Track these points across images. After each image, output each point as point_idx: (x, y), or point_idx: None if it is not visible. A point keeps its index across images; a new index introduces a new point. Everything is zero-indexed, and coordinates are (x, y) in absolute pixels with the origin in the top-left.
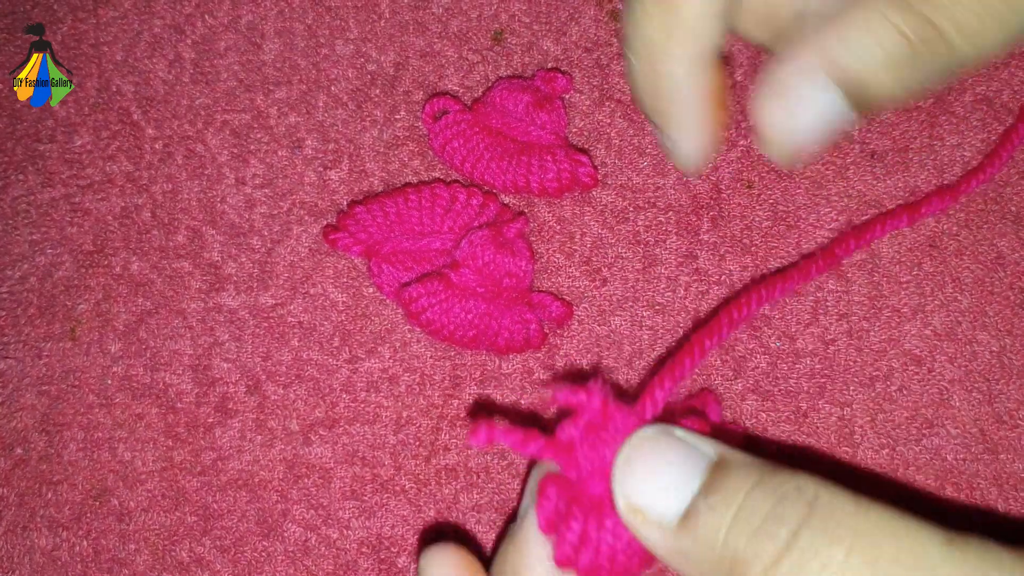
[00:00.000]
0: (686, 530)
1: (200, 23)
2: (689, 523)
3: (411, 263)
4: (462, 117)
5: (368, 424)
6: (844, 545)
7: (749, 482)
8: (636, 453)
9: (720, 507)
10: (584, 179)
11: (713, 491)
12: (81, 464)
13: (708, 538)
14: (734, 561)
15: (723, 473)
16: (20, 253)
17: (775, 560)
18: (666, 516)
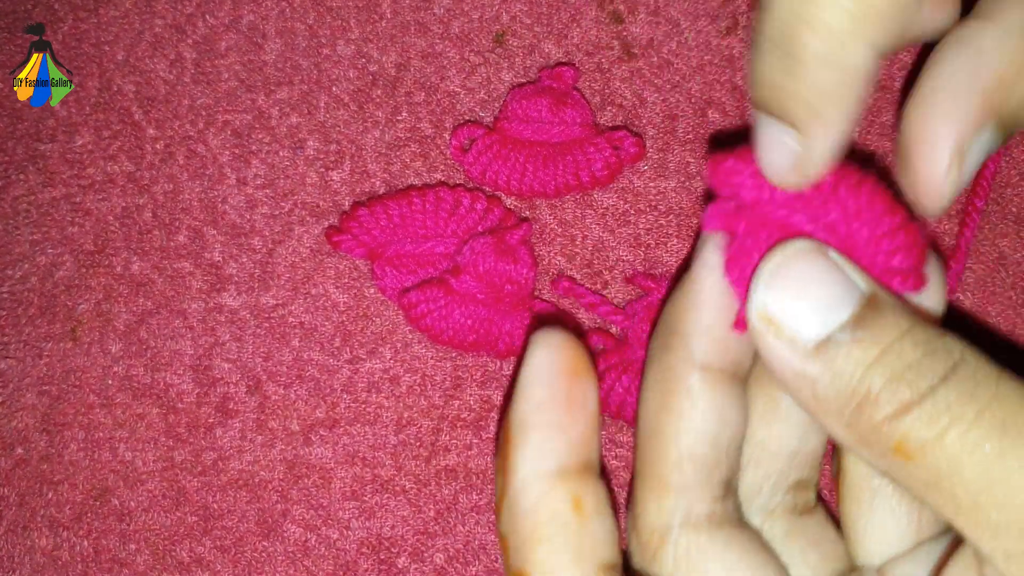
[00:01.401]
0: (822, 356)
1: (201, 23)
2: (828, 350)
3: (414, 266)
4: (492, 139)
5: (369, 425)
6: (976, 406)
7: (900, 327)
8: (786, 263)
9: (866, 342)
10: (632, 150)
11: (861, 326)
12: (82, 464)
13: (844, 370)
14: (864, 400)
15: (875, 311)
16: (21, 253)
17: (906, 408)
18: (803, 335)
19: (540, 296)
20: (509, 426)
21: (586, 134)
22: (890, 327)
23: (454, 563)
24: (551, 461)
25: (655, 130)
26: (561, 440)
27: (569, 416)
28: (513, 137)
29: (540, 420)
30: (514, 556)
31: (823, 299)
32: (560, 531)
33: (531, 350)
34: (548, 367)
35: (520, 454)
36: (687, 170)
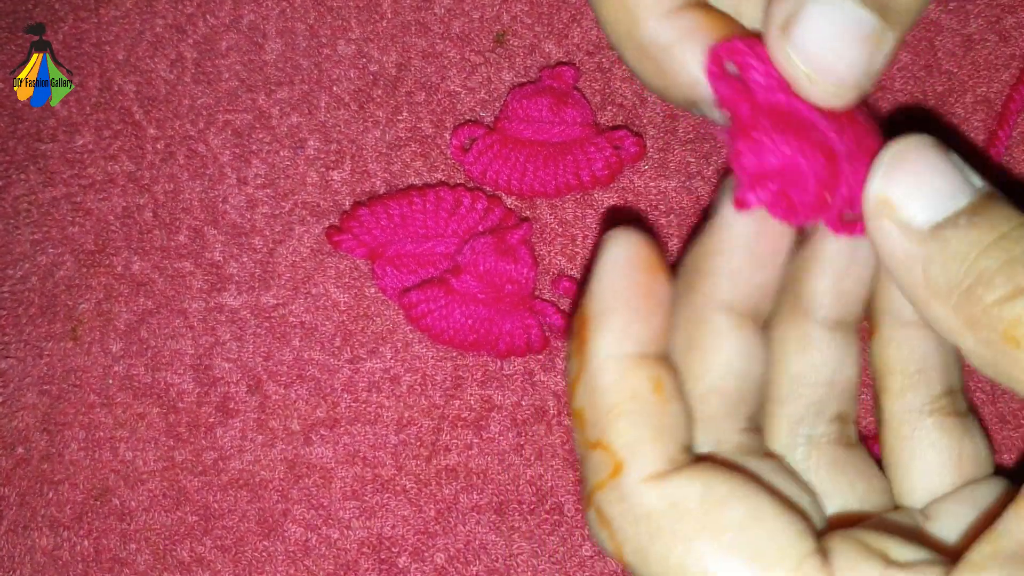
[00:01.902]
0: (937, 237)
1: (202, 23)
2: (943, 231)
3: (415, 266)
4: (492, 139)
5: (369, 424)
6: None
7: (1017, 218)
8: (908, 152)
9: (983, 226)
10: (632, 149)
11: (979, 213)
12: (82, 464)
13: (959, 250)
14: (977, 280)
15: (991, 202)
16: (21, 252)
17: (1018, 293)
18: (919, 217)
19: (540, 296)
20: (588, 309)
21: (587, 134)
22: (1007, 216)
23: (455, 563)
24: (632, 345)
25: (656, 130)
26: (642, 327)
27: (648, 306)
28: (514, 137)
29: (620, 305)
30: (592, 429)
31: (942, 187)
32: (642, 408)
33: (608, 244)
34: (626, 260)
35: (601, 335)
36: (688, 170)
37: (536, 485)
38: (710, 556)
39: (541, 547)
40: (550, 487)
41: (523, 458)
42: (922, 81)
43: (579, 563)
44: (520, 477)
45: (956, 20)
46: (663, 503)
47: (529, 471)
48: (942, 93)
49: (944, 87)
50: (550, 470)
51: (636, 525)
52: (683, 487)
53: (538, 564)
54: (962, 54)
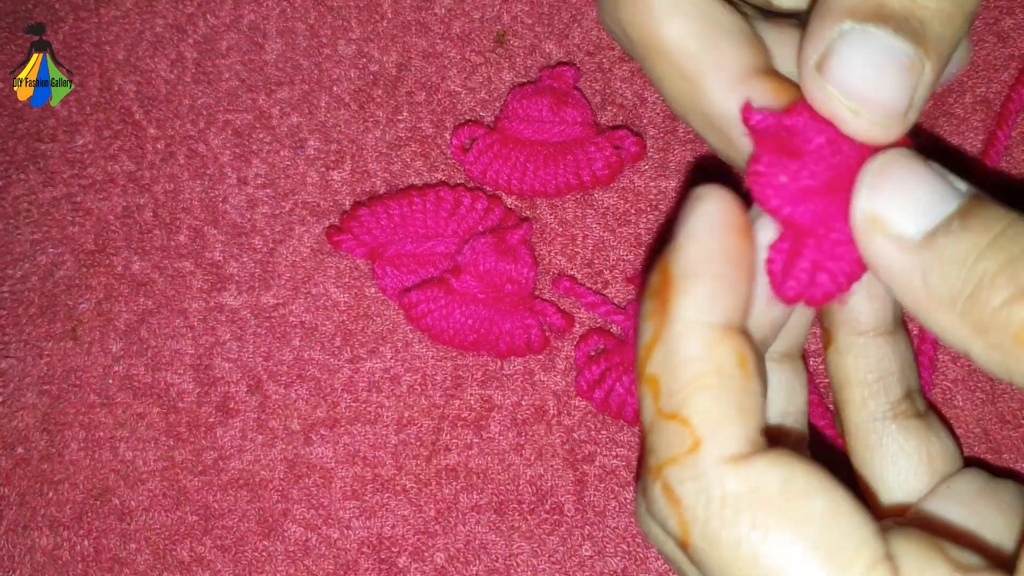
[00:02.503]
0: (931, 246)
1: (202, 23)
2: (937, 240)
3: (415, 266)
4: (492, 139)
5: (369, 424)
6: None
7: (1008, 217)
8: (890, 165)
9: (977, 229)
10: (632, 148)
11: (969, 216)
12: (82, 463)
13: (955, 256)
14: (980, 284)
15: (980, 203)
16: (21, 252)
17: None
18: (910, 229)
19: (540, 295)
20: (672, 270)
21: (587, 134)
22: (998, 216)
23: (455, 563)
24: (719, 313)
25: (656, 130)
26: (730, 295)
27: (738, 273)
28: (514, 137)
29: (709, 269)
30: (668, 399)
31: (929, 195)
32: (726, 383)
33: (698, 199)
34: (716, 218)
35: (686, 299)
36: (688, 170)
37: (536, 485)
38: (789, 549)
39: (541, 547)
40: (550, 487)
41: (523, 458)
42: None
43: (579, 563)
44: (520, 477)
45: None
46: (743, 487)
47: (529, 471)
48: (942, 93)
49: (943, 88)
50: (550, 470)
51: (709, 506)
52: (765, 472)
53: (538, 564)
54: None
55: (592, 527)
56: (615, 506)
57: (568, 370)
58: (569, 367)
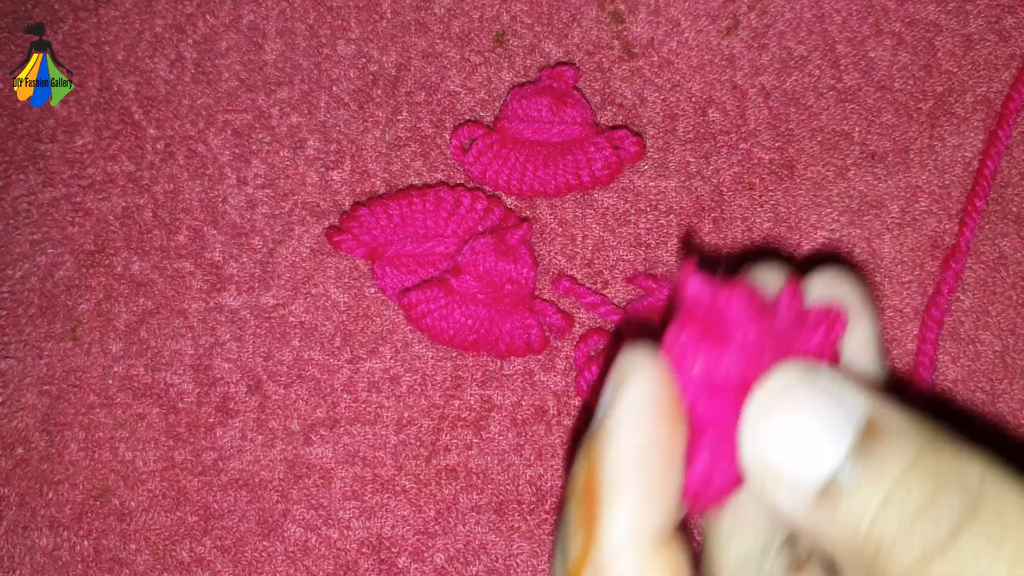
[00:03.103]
0: (826, 504)
1: (202, 23)
2: (830, 497)
3: (415, 266)
4: (492, 139)
5: (369, 424)
6: (1009, 552)
7: (905, 458)
8: (774, 403)
9: (869, 485)
10: (632, 149)
11: (864, 458)
12: (82, 464)
13: (851, 519)
14: (879, 550)
15: (875, 441)
16: (21, 253)
17: (927, 559)
18: (804, 482)
19: (540, 296)
20: (599, 473)
21: (586, 133)
22: (893, 460)
23: (454, 563)
24: (650, 524)
25: (655, 129)
26: (661, 505)
27: (668, 473)
28: (513, 137)
29: (640, 473)
30: None
31: (817, 437)
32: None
33: (630, 378)
34: (647, 406)
35: (615, 513)
36: (687, 169)
37: (536, 485)
38: None
39: (541, 547)
40: (550, 487)
41: (523, 458)
42: (922, 81)
43: None
44: (520, 477)
45: (956, 20)
46: None
47: (529, 471)
48: (942, 93)
49: (944, 87)
50: (550, 470)
51: None
52: None
53: (538, 564)
54: (962, 54)
55: None
56: None
57: (568, 370)
58: (569, 367)
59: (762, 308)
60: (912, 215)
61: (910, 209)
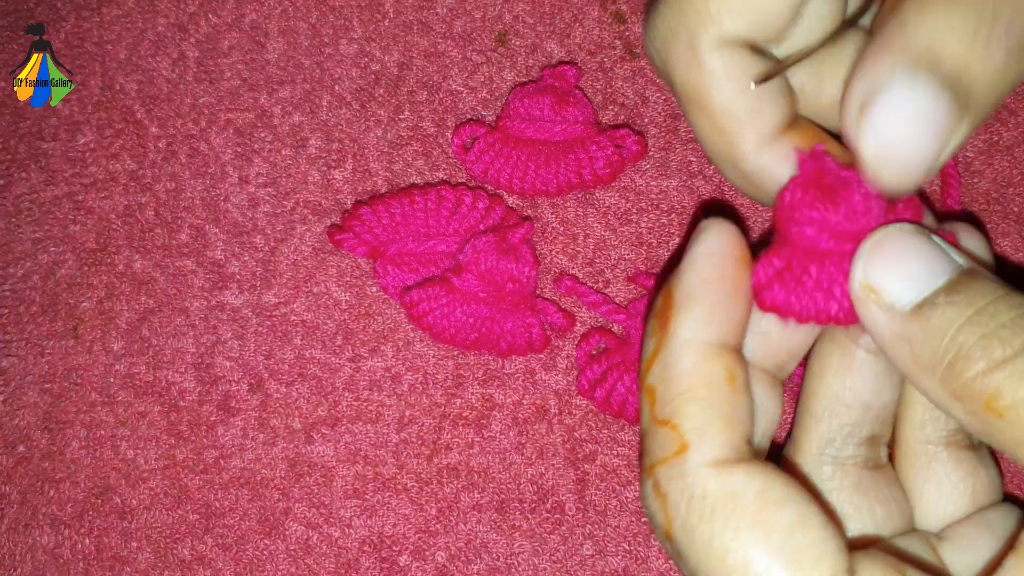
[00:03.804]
0: (918, 317)
1: (204, 22)
2: (924, 311)
3: (416, 265)
4: (493, 138)
5: (370, 423)
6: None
7: (993, 293)
8: (887, 239)
9: (960, 303)
10: (634, 147)
11: (956, 291)
12: (83, 462)
13: (939, 328)
14: (957, 355)
15: (971, 277)
16: (23, 251)
17: (998, 364)
18: (901, 300)
19: (542, 295)
20: (674, 292)
21: (588, 133)
22: (984, 292)
23: (456, 562)
24: (713, 333)
25: (657, 129)
26: (725, 317)
27: (734, 298)
28: (515, 136)
29: (707, 293)
30: (662, 407)
31: (920, 269)
32: (715, 395)
33: (704, 231)
34: (718, 248)
35: (684, 319)
36: (689, 169)
37: (537, 484)
38: (754, 550)
39: (542, 546)
40: (551, 486)
41: (524, 457)
42: None
43: (580, 562)
44: (521, 476)
45: None
46: (721, 489)
47: (530, 470)
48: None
49: None
50: (551, 469)
51: (690, 504)
52: (743, 479)
53: (539, 563)
54: None
55: (593, 526)
56: (616, 505)
57: (569, 369)
58: (570, 366)
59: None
60: None
61: None
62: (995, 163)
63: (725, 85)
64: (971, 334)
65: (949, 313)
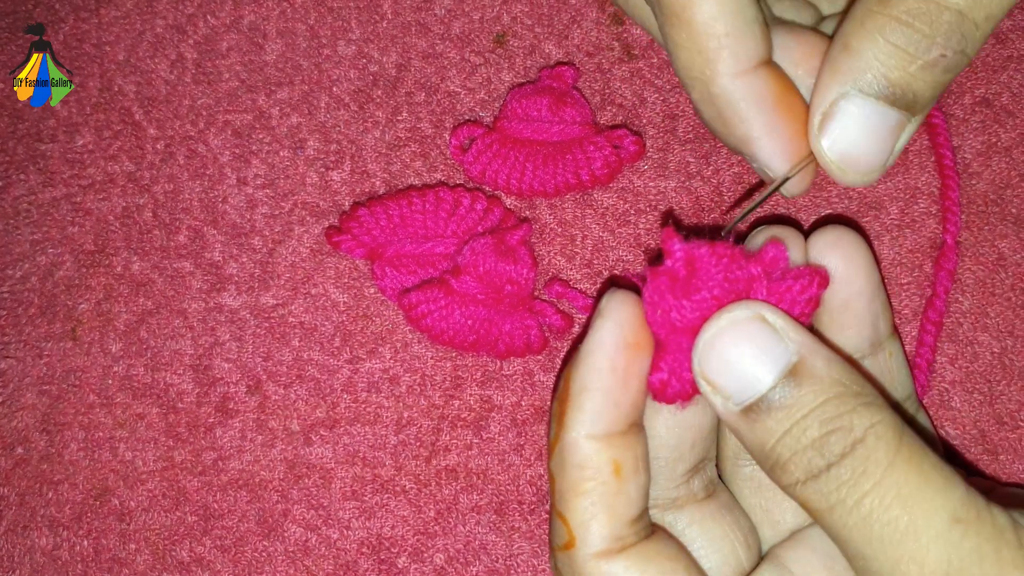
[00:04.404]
0: (746, 419)
1: (202, 23)
2: (751, 415)
3: (415, 267)
4: (491, 139)
5: (369, 424)
6: (859, 493)
7: (813, 401)
8: (723, 331)
9: (779, 416)
10: (631, 148)
11: (780, 396)
12: (82, 464)
13: (761, 436)
14: (775, 464)
15: (796, 380)
16: (21, 253)
17: (804, 480)
18: (733, 398)
19: (540, 296)
20: (570, 385)
21: (586, 133)
22: (804, 401)
23: (454, 563)
24: (601, 426)
25: (655, 130)
26: (613, 411)
27: (624, 387)
28: (513, 137)
29: (598, 387)
30: (559, 499)
31: (750, 366)
32: (599, 489)
33: (601, 318)
34: (612, 338)
35: (575, 414)
36: (687, 170)
37: (536, 485)
38: None
39: (541, 547)
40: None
41: (523, 458)
42: None
43: None
44: (520, 477)
45: None
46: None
47: (529, 471)
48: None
49: None
50: None
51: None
52: (620, 569)
53: (538, 564)
54: None
55: None
56: None
57: None
58: None
59: (739, 264)
60: (911, 216)
61: (909, 210)
62: (993, 165)
63: (713, 2)
64: (785, 448)
65: (769, 424)
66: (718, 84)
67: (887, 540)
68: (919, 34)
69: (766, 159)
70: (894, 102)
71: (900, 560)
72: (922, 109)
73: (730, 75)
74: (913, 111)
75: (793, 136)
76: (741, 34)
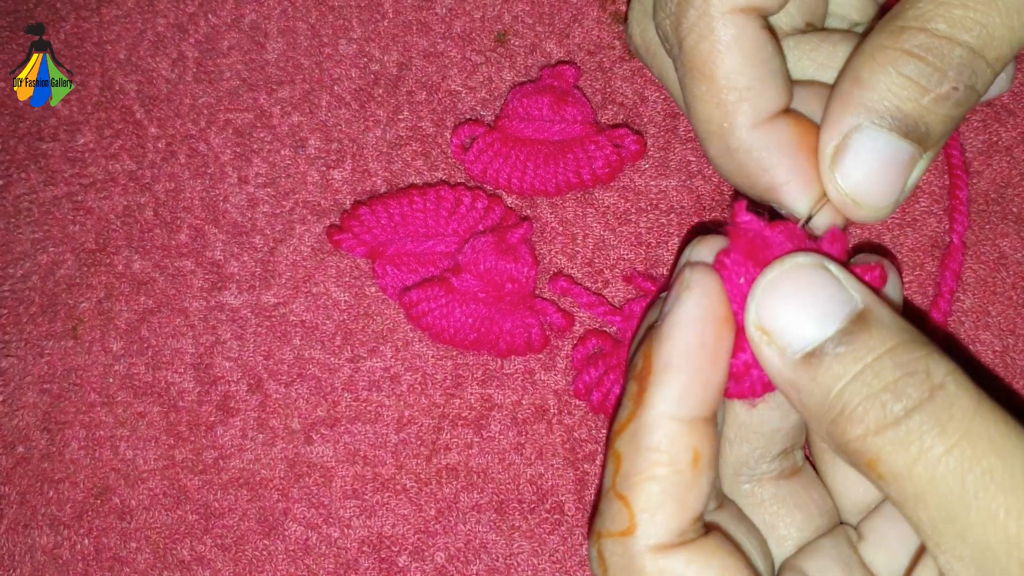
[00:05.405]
0: (806, 367)
1: (203, 22)
2: (812, 361)
3: (415, 265)
4: (492, 138)
5: (369, 423)
6: (948, 441)
7: (884, 345)
8: (783, 276)
9: (847, 359)
10: (632, 147)
11: (846, 341)
12: (82, 462)
13: (824, 383)
14: (840, 415)
15: (862, 325)
16: (22, 251)
17: (877, 430)
18: (791, 346)
19: (541, 295)
20: (654, 359)
21: (587, 132)
22: (874, 344)
23: (455, 562)
24: (687, 409)
25: (656, 128)
26: (700, 392)
27: (713, 367)
28: (514, 135)
29: (686, 365)
30: (623, 480)
31: (812, 311)
32: (675, 476)
33: (688, 290)
34: (700, 312)
35: (659, 392)
36: (688, 168)
37: (536, 484)
38: None
39: (541, 546)
40: (551, 486)
41: (523, 457)
42: None
43: (579, 562)
44: (520, 476)
45: None
46: (659, 574)
47: (529, 470)
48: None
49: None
50: (551, 469)
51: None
52: (680, 565)
53: (538, 563)
54: None
55: None
56: None
57: (569, 369)
58: (570, 366)
59: (805, 242)
60: (912, 215)
61: (910, 209)
62: (994, 164)
63: (733, 54)
64: (855, 394)
65: (835, 368)
66: (736, 137)
67: (981, 492)
68: (931, 67)
69: (792, 204)
70: (907, 134)
71: (997, 513)
72: (934, 144)
73: (749, 126)
74: (925, 145)
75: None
76: (761, 87)
